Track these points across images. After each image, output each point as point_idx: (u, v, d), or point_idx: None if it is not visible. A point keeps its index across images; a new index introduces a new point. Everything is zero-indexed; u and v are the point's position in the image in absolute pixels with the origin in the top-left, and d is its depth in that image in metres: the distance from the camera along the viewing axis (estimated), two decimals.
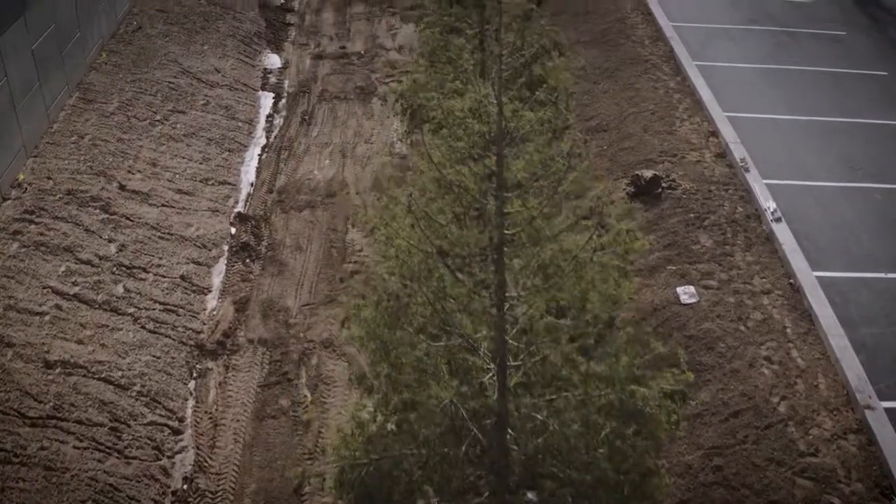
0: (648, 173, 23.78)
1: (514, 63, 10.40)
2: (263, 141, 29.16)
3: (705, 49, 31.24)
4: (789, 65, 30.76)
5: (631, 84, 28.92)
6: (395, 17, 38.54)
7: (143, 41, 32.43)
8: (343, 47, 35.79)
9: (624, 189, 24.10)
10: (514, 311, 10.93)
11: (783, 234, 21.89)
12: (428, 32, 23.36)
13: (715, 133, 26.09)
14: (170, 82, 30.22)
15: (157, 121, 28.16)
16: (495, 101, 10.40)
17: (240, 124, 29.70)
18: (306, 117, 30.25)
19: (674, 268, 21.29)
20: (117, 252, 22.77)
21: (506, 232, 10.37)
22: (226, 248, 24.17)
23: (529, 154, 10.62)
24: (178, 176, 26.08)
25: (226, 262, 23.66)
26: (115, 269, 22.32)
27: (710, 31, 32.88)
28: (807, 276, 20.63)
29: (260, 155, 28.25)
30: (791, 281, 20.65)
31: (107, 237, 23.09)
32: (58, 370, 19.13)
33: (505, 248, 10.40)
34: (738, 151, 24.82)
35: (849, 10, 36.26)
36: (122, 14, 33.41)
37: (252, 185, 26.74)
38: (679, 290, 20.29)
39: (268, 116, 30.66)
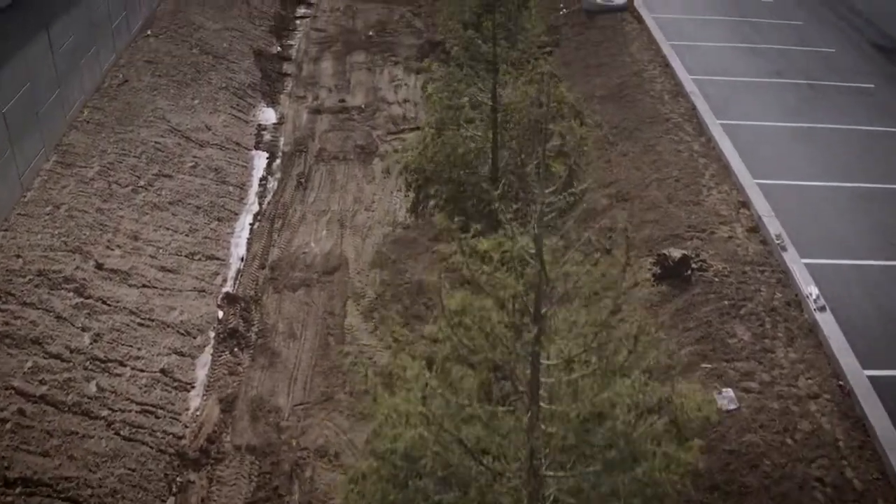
0: (677, 253, 21.64)
1: (555, 204, 8.09)
2: (256, 207, 27.03)
3: (729, 105, 29.20)
4: (818, 122, 28.73)
5: (652, 146, 26.84)
6: (397, 66, 36.60)
7: (130, 95, 30.41)
8: (343, 100, 33.79)
9: (649, 269, 21.93)
10: None
11: (828, 325, 19.71)
12: (436, 98, 21.30)
13: (746, 203, 23.99)
14: (156, 142, 28.16)
15: (141, 186, 26.07)
16: (533, 251, 8.20)
17: (231, 189, 27.61)
18: (302, 180, 28.17)
19: (709, 366, 19.09)
20: (91, 343, 20.59)
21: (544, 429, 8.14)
22: (212, 334, 21.99)
23: (576, 320, 8.41)
24: (161, 251, 23.94)
25: (212, 351, 21.48)
26: (87, 363, 20.13)
27: (732, 85, 30.87)
28: (858, 377, 18.44)
29: (252, 224, 26.13)
30: (840, 383, 18.45)
31: (80, 325, 20.91)
32: (18, 489, 16.91)
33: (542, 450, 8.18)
34: (773, 226, 22.68)
35: (874, 60, 34.35)
36: (108, 66, 31.44)
37: (242, 259, 24.59)
38: (717, 395, 18.06)
39: (261, 179, 28.58)
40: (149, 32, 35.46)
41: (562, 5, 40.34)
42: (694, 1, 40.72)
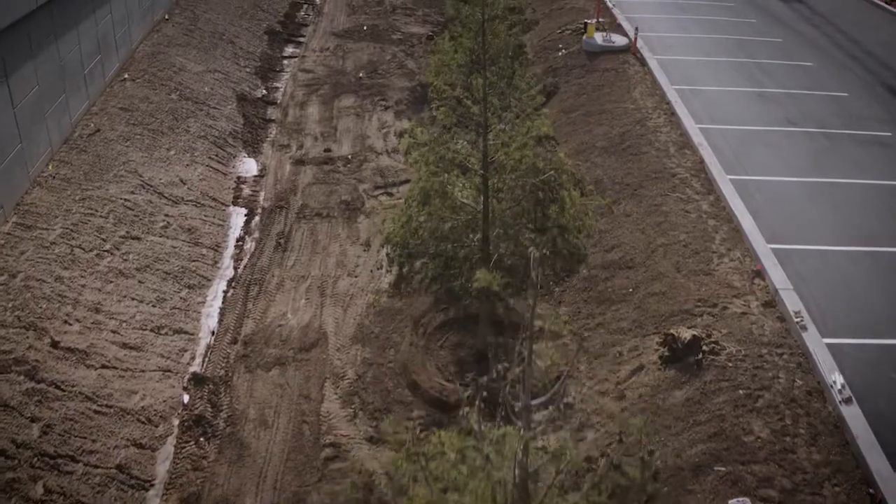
0: (686, 334, 19.66)
1: None
2: (231, 272, 25.10)
3: (739, 159, 27.30)
4: (836, 177, 26.81)
5: (657, 206, 24.91)
6: (388, 111, 34.75)
7: (101, 147, 28.55)
8: (328, 150, 31.91)
9: (656, 350, 19.94)
10: None
11: (855, 419, 17.69)
12: (422, 168, 19.34)
13: (760, 273, 21.96)
14: (126, 199, 26.27)
15: (107, 251, 24.14)
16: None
17: (204, 251, 25.66)
18: (282, 241, 26.23)
19: (723, 469, 17.05)
20: (41, 436, 18.59)
21: None
22: (176, 422, 19.99)
23: None
24: (124, 325, 21.96)
25: (175, 442, 19.43)
26: (35, 460, 18.11)
27: (742, 136, 28.98)
28: (890, 483, 16.39)
29: (225, 291, 24.17)
30: (871, 490, 16.41)
31: (29, 415, 18.92)
32: None
33: None
34: (791, 300, 20.70)
35: (890, 106, 32.48)
36: (79, 115, 29.59)
37: (213, 333, 22.61)
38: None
39: (238, 240, 26.64)
40: (126, 76, 33.68)
41: (561, 46, 38.56)
42: (698, 41, 38.96)
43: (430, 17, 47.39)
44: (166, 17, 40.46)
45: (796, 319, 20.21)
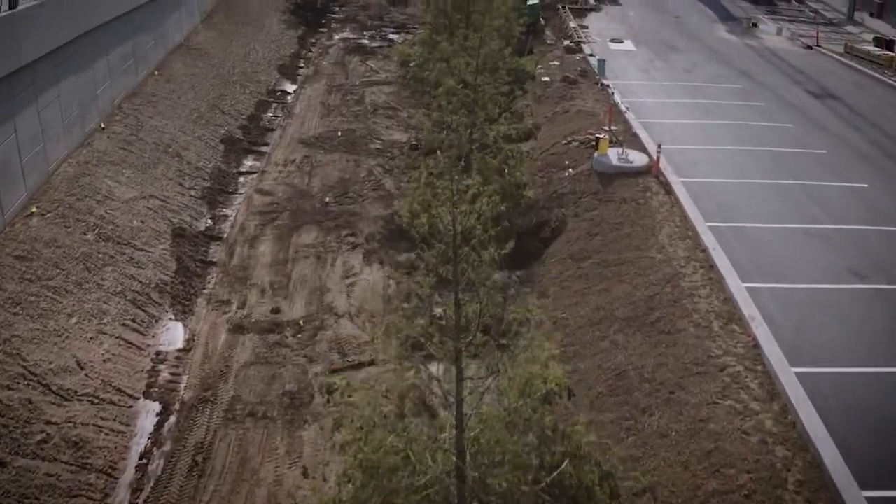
0: None
1: None
2: None
3: (804, 337, 20.76)
4: None
5: (703, 422, 18.26)
6: (355, 252, 28.26)
7: None
8: (276, 310, 25.39)
9: None
10: None
11: None
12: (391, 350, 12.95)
13: None
14: None
15: None
16: None
17: (92, 479, 18.96)
18: (199, 459, 19.45)
19: None
20: None
21: None
22: None
23: None
24: None
25: None
26: None
27: (801, 297, 22.51)
28: None
29: None
30: None
31: None
32: None
33: None
34: None
35: None
36: None
37: None
38: None
39: (142, 455, 19.96)
40: (34, 209, 27.26)
41: (567, 163, 32.20)
42: (729, 155, 32.67)
43: (414, 119, 41.15)
44: (102, 126, 34.25)
45: None
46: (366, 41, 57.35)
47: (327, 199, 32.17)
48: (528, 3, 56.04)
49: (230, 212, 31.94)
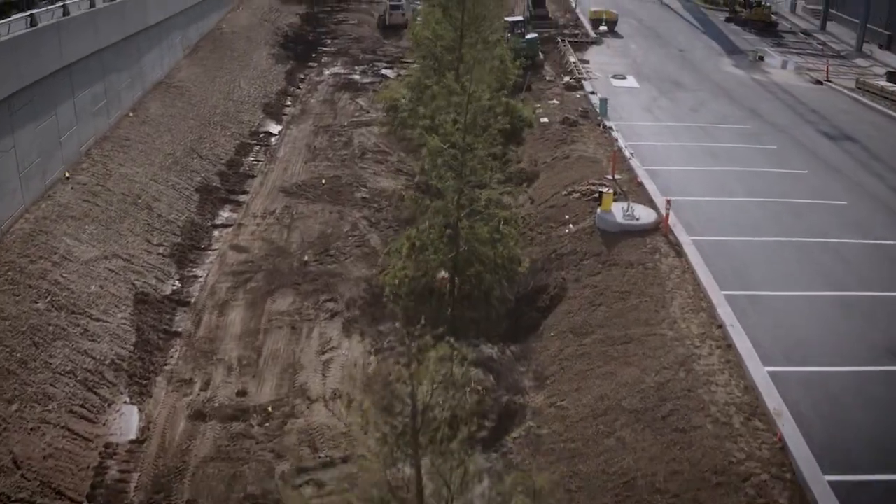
0: None
1: None
2: None
3: (838, 435, 18.13)
4: None
5: None
6: (334, 321, 25.61)
7: None
8: (243, 392, 22.78)
9: None
10: None
11: None
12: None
13: None
14: None
15: None
16: None
17: None
18: None
19: None
20: None
21: None
22: None
23: None
24: None
25: None
26: None
27: (832, 384, 20.05)
28: None
29: None
30: None
31: None
32: None
33: None
34: None
35: None
36: None
37: None
38: None
39: None
40: None
41: (568, 217, 29.64)
42: (742, 208, 30.21)
43: (404, 164, 38.73)
44: (66, 175, 31.72)
45: None
46: (357, 76, 54.92)
47: (306, 258, 29.59)
48: (527, 37, 53.75)
49: (201, 272, 29.32)
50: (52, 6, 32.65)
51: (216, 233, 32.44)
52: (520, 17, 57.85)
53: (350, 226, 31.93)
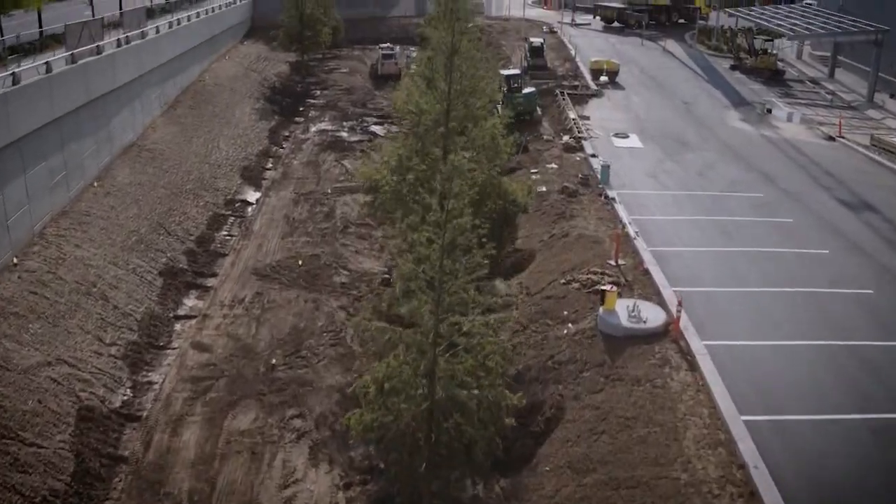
0: None
1: None
2: None
3: None
4: None
5: None
6: (301, 443, 22.50)
7: None
8: None
9: None
10: None
11: None
12: None
13: None
14: None
15: None
16: None
17: None
18: None
19: None
20: None
21: None
22: None
23: None
24: None
25: None
26: None
27: None
28: None
29: None
30: None
31: None
32: None
33: None
34: None
35: None
36: None
37: None
38: None
39: None
40: None
41: (566, 313, 26.58)
42: (758, 301, 27.28)
43: (389, 240, 35.65)
44: (14, 262, 28.73)
45: None
46: (345, 133, 52.09)
47: (274, 361, 26.52)
48: (524, 91, 51.02)
49: (157, 377, 26.25)
50: (2, 74, 29.84)
51: (178, 326, 29.38)
52: (517, 71, 55.14)
53: (326, 318, 28.87)
